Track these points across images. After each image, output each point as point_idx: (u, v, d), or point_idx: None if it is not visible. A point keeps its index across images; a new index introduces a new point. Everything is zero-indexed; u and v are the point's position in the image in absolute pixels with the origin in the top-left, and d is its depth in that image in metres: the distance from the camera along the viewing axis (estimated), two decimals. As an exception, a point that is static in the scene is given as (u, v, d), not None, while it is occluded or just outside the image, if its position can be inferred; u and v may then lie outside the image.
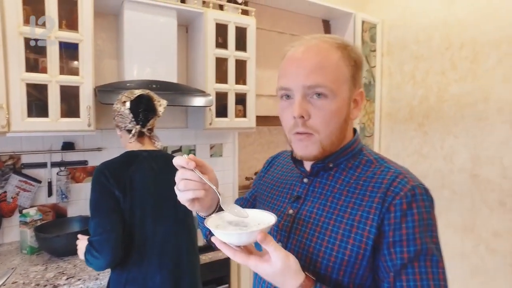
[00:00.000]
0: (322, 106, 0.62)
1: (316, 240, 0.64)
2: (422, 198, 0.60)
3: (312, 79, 0.61)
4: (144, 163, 1.24)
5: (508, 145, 1.90)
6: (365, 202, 0.62)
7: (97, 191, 1.16)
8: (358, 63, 0.67)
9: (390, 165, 0.66)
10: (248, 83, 2.02)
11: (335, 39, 0.65)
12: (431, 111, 2.27)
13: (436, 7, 2.21)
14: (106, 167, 1.19)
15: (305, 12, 2.44)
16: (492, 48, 1.94)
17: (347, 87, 0.64)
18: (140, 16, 1.70)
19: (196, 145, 2.19)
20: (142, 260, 1.19)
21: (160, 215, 1.23)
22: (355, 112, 0.68)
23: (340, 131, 0.65)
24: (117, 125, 1.28)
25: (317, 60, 0.62)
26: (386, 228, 0.59)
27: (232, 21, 1.92)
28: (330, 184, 0.68)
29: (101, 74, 1.84)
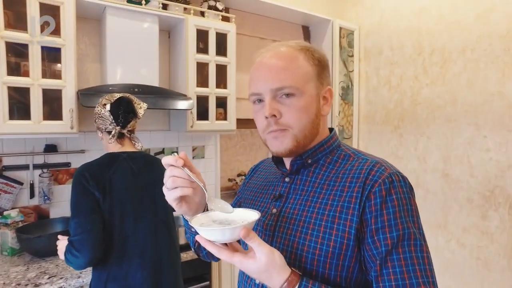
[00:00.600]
0: (291, 104, 0.65)
1: (299, 235, 0.65)
2: (400, 184, 0.63)
3: (278, 81, 0.65)
4: (123, 164, 1.28)
5: (474, 145, 2.01)
6: (345, 193, 0.64)
7: (77, 192, 1.19)
8: (323, 62, 0.70)
9: (367, 157, 0.69)
10: (228, 87, 2.09)
11: (298, 43, 0.70)
12: (405, 114, 2.38)
13: (408, 17, 2.33)
14: (86, 169, 1.22)
15: (285, 18, 2.53)
16: (459, 54, 2.06)
17: (313, 85, 0.68)
18: (122, 21, 1.75)
19: (179, 147, 2.24)
20: (123, 258, 1.22)
21: (140, 215, 1.27)
22: (326, 108, 0.71)
23: (312, 126, 0.68)
24: (98, 127, 1.32)
25: (282, 64, 0.66)
26: (368, 216, 0.60)
27: (212, 27, 1.99)
28: (310, 180, 0.70)
29: (84, 78, 1.88)
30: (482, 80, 1.96)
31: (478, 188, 1.99)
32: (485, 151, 1.96)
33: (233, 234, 0.53)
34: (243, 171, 2.58)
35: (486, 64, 1.94)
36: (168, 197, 0.63)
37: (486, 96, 1.95)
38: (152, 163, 1.37)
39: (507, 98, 1.87)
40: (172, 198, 0.63)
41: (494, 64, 1.91)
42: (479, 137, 1.99)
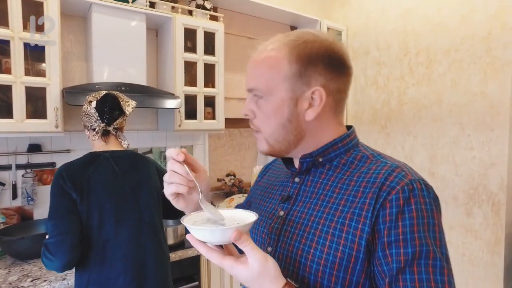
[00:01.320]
0: (260, 107, 0.63)
1: (305, 241, 0.59)
2: (422, 193, 0.55)
3: (249, 82, 0.64)
4: (104, 164, 1.24)
5: (458, 144, 2.05)
6: (358, 198, 0.57)
7: (54, 193, 1.16)
8: (314, 58, 0.60)
9: (386, 159, 0.62)
10: (217, 86, 2.08)
11: (289, 36, 0.62)
12: (392, 113, 2.41)
13: (395, 18, 2.36)
14: (65, 169, 1.19)
15: (273, 18, 2.54)
16: (443, 55, 2.10)
17: (286, 86, 0.60)
18: (109, 19, 1.72)
19: (167, 147, 2.22)
20: (103, 262, 1.18)
21: (122, 217, 1.22)
22: (310, 113, 0.61)
23: (286, 131, 0.62)
24: (84, 125, 1.29)
25: (255, 64, 0.63)
26: (381, 226, 0.53)
27: (200, 26, 1.98)
28: (322, 182, 0.64)
29: (69, 76, 1.85)
30: (466, 81, 2.01)
31: (463, 186, 2.03)
32: (469, 150, 2.00)
33: (224, 235, 0.49)
34: (232, 171, 2.58)
35: (469, 65, 1.99)
36: (165, 191, 0.61)
37: (470, 96, 1.99)
38: (137, 162, 1.33)
39: (489, 98, 1.91)
40: (168, 192, 0.60)
41: (477, 65, 1.96)
42: (463, 136, 2.03)
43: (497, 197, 1.91)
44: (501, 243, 1.90)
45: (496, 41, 1.88)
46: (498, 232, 1.91)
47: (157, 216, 1.32)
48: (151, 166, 1.37)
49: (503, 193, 1.88)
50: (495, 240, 1.92)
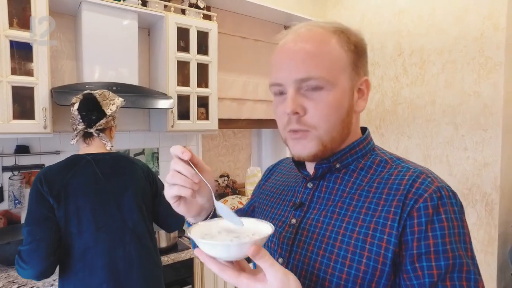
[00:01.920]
0: (319, 99, 0.54)
1: (323, 253, 0.54)
2: (451, 201, 0.51)
3: (304, 71, 0.54)
4: (85, 168, 1.19)
5: (452, 145, 2.05)
6: (381, 206, 0.53)
7: (31, 198, 1.12)
8: (360, 48, 0.58)
9: (408, 164, 0.57)
10: (210, 86, 2.05)
11: (331, 24, 0.58)
12: (386, 114, 2.41)
13: (389, 19, 2.36)
14: (44, 173, 1.15)
15: (267, 18, 2.52)
16: (437, 56, 2.11)
17: (346, 76, 0.56)
18: (99, 17, 1.69)
19: (160, 148, 2.18)
20: (84, 270, 1.13)
21: (103, 224, 1.17)
22: (361, 104, 0.59)
23: (342, 126, 0.57)
24: (72, 128, 1.24)
25: (308, 49, 0.54)
26: (409, 237, 0.50)
27: (193, 25, 1.95)
28: (338, 188, 0.59)
29: (59, 76, 1.81)
30: (459, 81, 2.01)
31: (457, 186, 2.03)
32: (463, 150, 2.01)
33: (240, 251, 0.43)
34: (225, 172, 2.55)
35: (463, 65, 1.99)
36: (166, 193, 0.54)
37: (463, 96, 2.00)
38: (122, 166, 1.27)
39: (482, 98, 1.92)
40: (169, 195, 0.54)
41: (470, 65, 1.96)
42: (457, 136, 2.03)
43: (490, 197, 1.91)
44: (495, 243, 1.91)
45: (488, 41, 1.89)
46: (492, 232, 1.92)
47: (142, 221, 1.26)
48: (138, 169, 1.31)
49: (497, 193, 1.89)
50: (488, 240, 1.92)
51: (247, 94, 2.49)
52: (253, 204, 0.79)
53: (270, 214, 0.67)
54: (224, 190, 2.46)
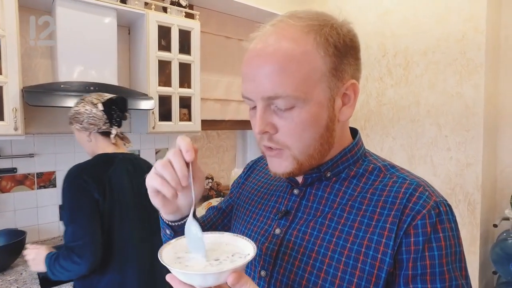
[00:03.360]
0: (290, 118, 0.49)
1: (311, 270, 0.50)
2: (448, 218, 0.48)
3: (270, 89, 0.47)
4: (120, 165, 1.25)
5: (436, 145, 2.07)
6: (375, 221, 0.49)
7: (73, 195, 1.14)
8: (344, 46, 0.49)
9: (403, 174, 0.53)
10: (193, 87, 2.00)
11: (308, 18, 0.49)
12: (371, 114, 2.41)
13: (373, 19, 2.37)
14: (82, 170, 1.18)
15: (251, 17, 2.49)
16: (420, 57, 2.12)
17: (324, 86, 0.49)
18: (75, 14, 1.61)
19: (141, 150, 2.11)
20: (122, 264, 1.19)
21: (137, 218, 1.25)
22: (345, 112, 0.52)
23: (321, 142, 0.51)
24: (84, 127, 1.25)
25: (275, 63, 0.47)
26: (404, 257, 0.47)
27: (175, 24, 1.90)
28: (328, 197, 0.54)
29: (32, 74, 1.72)
30: (442, 82, 2.03)
31: (440, 186, 2.04)
32: (446, 151, 2.02)
33: (218, 279, 0.40)
34: (210, 174, 2.50)
35: (445, 66, 2.01)
36: (148, 180, 0.49)
37: (446, 97, 2.01)
38: (141, 165, 1.36)
39: (464, 99, 1.94)
40: (150, 184, 0.49)
41: (452, 66, 1.98)
42: (440, 137, 2.05)
43: (472, 196, 1.93)
44: (477, 242, 1.93)
45: (469, 43, 1.91)
46: (474, 231, 1.94)
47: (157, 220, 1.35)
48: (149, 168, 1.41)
49: (478, 193, 1.91)
50: (470, 239, 1.94)
51: (231, 95, 2.45)
52: (231, 204, 0.73)
53: (251, 220, 0.61)
54: (209, 192, 2.41)
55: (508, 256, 1.74)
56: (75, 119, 1.25)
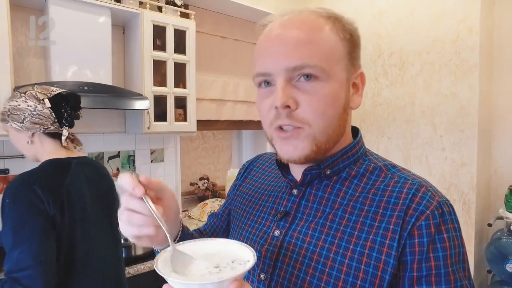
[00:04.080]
0: (314, 91, 0.48)
1: (313, 272, 0.49)
2: (451, 218, 0.48)
3: (297, 57, 0.47)
4: (77, 172, 1.10)
5: (431, 145, 2.08)
6: (377, 222, 0.48)
7: (21, 212, 0.94)
8: (355, 37, 0.53)
9: (405, 174, 0.53)
10: (188, 87, 1.99)
11: (324, 9, 0.52)
12: (367, 114, 2.42)
13: (368, 20, 2.37)
14: (33, 180, 0.98)
15: (246, 17, 2.48)
16: (416, 57, 2.13)
17: (343, 66, 0.50)
18: (69, 13, 1.59)
19: (136, 151, 2.10)
20: (88, 276, 1.07)
21: (100, 229, 1.14)
22: (356, 99, 0.53)
23: (339, 124, 0.51)
24: (25, 127, 1.05)
25: (301, 34, 0.48)
26: (408, 258, 0.46)
27: (170, 24, 1.88)
28: (329, 197, 0.53)
29: (24, 74, 1.70)
30: (437, 82, 2.04)
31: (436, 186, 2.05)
32: (441, 151, 2.03)
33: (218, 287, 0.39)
34: (205, 174, 2.49)
35: (440, 67, 2.02)
36: (124, 232, 0.47)
37: (441, 98, 2.03)
38: (100, 170, 1.26)
39: (459, 99, 1.96)
40: (129, 235, 0.47)
41: (447, 67, 1.99)
42: (435, 137, 2.06)
43: (467, 196, 1.95)
44: (471, 241, 1.94)
45: (464, 44, 1.92)
46: (469, 230, 1.95)
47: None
48: (108, 173, 1.31)
49: (473, 192, 1.93)
50: (465, 238, 1.93)
51: (227, 95, 2.44)
52: (228, 207, 0.71)
53: (249, 222, 0.60)
54: (204, 193, 2.39)
55: (502, 255, 1.75)
56: (11, 116, 1.05)
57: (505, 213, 1.82)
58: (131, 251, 1.61)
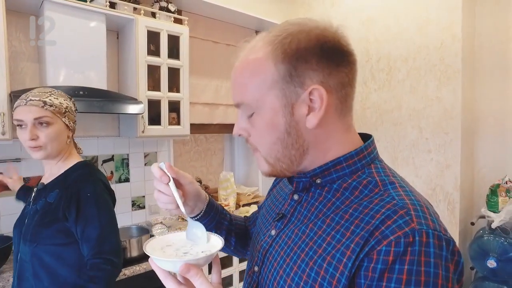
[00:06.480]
0: (253, 123, 0.54)
1: (282, 274, 0.52)
2: (427, 250, 0.41)
3: (234, 97, 0.55)
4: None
5: (417, 147, 2.15)
6: (345, 239, 0.46)
7: (109, 204, 1.14)
8: (302, 53, 0.49)
9: (397, 192, 0.48)
10: (181, 91, 2.02)
11: (272, 32, 0.52)
12: (356, 118, 2.46)
13: (357, 26, 2.45)
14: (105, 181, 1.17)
15: (238, 23, 2.53)
16: (402, 62, 2.21)
17: (277, 93, 0.50)
18: (64, 18, 1.61)
19: (130, 154, 2.12)
20: None
21: None
22: (311, 119, 0.50)
23: (284, 147, 0.52)
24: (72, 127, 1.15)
25: (236, 73, 0.54)
26: (362, 281, 0.43)
27: (164, 29, 1.92)
28: (317, 206, 0.53)
29: (19, 78, 1.71)
30: (423, 87, 2.12)
31: (422, 187, 2.13)
32: (427, 152, 2.11)
33: (174, 267, 0.50)
34: (198, 177, 2.52)
35: (426, 72, 2.10)
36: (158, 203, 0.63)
37: (427, 101, 2.10)
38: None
39: (443, 103, 2.04)
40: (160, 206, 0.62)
41: (432, 72, 2.08)
42: (421, 139, 2.13)
43: (452, 196, 2.02)
44: (456, 240, 2.02)
45: (448, 50, 2.01)
46: (453, 230, 2.03)
47: None
48: None
49: (457, 192, 2.00)
50: (451, 237, 2.03)
51: (220, 99, 2.48)
52: (260, 207, 0.78)
53: (263, 220, 0.67)
54: (197, 196, 2.42)
55: (484, 252, 1.83)
56: (68, 115, 1.13)
57: (487, 212, 1.89)
58: (126, 253, 1.63)
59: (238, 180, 2.82)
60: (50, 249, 1.06)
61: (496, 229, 1.83)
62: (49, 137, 1.07)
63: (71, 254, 1.07)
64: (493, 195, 1.92)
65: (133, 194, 2.14)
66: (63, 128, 1.11)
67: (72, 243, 1.07)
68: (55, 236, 1.06)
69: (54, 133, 1.08)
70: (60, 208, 1.06)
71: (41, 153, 1.08)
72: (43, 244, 1.06)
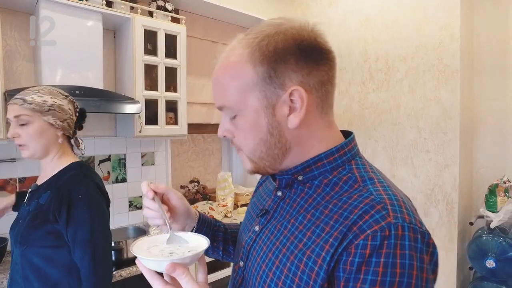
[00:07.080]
0: (236, 124, 0.55)
1: (264, 268, 0.53)
2: (402, 243, 0.43)
3: (216, 100, 0.56)
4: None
5: (416, 147, 2.15)
6: (324, 233, 0.48)
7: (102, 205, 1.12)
8: (280, 54, 0.50)
9: (375, 188, 0.50)
10: (179, 91, 2.01)
11: (249, 34, 0.53)
12: (354, 118, 2.48)
13: (355, 26, 2.44)
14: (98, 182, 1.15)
15: (236, 22, 2.52)
16: (401, 62, 2.20)
17: (257, 94, 0.51)
18: (60, 17, 1.59)
19: (127, 154, 2.10)
20: None
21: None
22: (292, 120, 0.51)
23: (267, 146, 0.54)
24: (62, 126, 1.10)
25: (217, 77, 0.55)
26: (341, 274, 0.44)
27: (161, 28, 1.90)
28: (299, 202, 0.55)
29: (14, 77, 1.69)
30: (421, 86, 2.11)
31: (420, 187, 2.13)
32: (426, 152, 2.11)
33: (160, 266, 0.51)
34: (195, 177, 2.50)
35: (424, 72, 2.10)
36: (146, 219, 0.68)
37: (425, 101, 2.10)
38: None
39: (442, 103, 2.03)
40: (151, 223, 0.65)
41: (430, 72, 2.07)
42: (420, 139, 2.13)
43: (450, 196, 2.02)
44: (455, 240, 2.01)
45: (446, 50, 2.00)
46: (452, 229, 2.02)
47: None
48: None
49: (456, 192, 2.00)
50: (449, 238, 2.03)
51: (218, 98, 2.46)
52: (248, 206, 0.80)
53: (246, 217, 0.69)
54: (195, 196, 2.41)
55: (483, 252, 1.83)
56: (53, 112, 1.07)
57: (485, 212, 1.89)
58: (122, 254, 1.61)
59: (236, 180, 2.81)
60: (40, 251, 1.03)
61: (494, 229, 1.83)
62: (29, 135, 1.04)
63: (61, 256, 1.04)
64: (491, 195, 1.91)
65: (130, 194, 2.12)
66: (46, 127, 1.07)
67: (62, 246, 1.04)
68: (45, 238, 1.03)
69: (34, 131, 1.04)
70: (50, 210, 1.03)
71: (25, 152, 1.08)
72: (33, 246, 1.03)
